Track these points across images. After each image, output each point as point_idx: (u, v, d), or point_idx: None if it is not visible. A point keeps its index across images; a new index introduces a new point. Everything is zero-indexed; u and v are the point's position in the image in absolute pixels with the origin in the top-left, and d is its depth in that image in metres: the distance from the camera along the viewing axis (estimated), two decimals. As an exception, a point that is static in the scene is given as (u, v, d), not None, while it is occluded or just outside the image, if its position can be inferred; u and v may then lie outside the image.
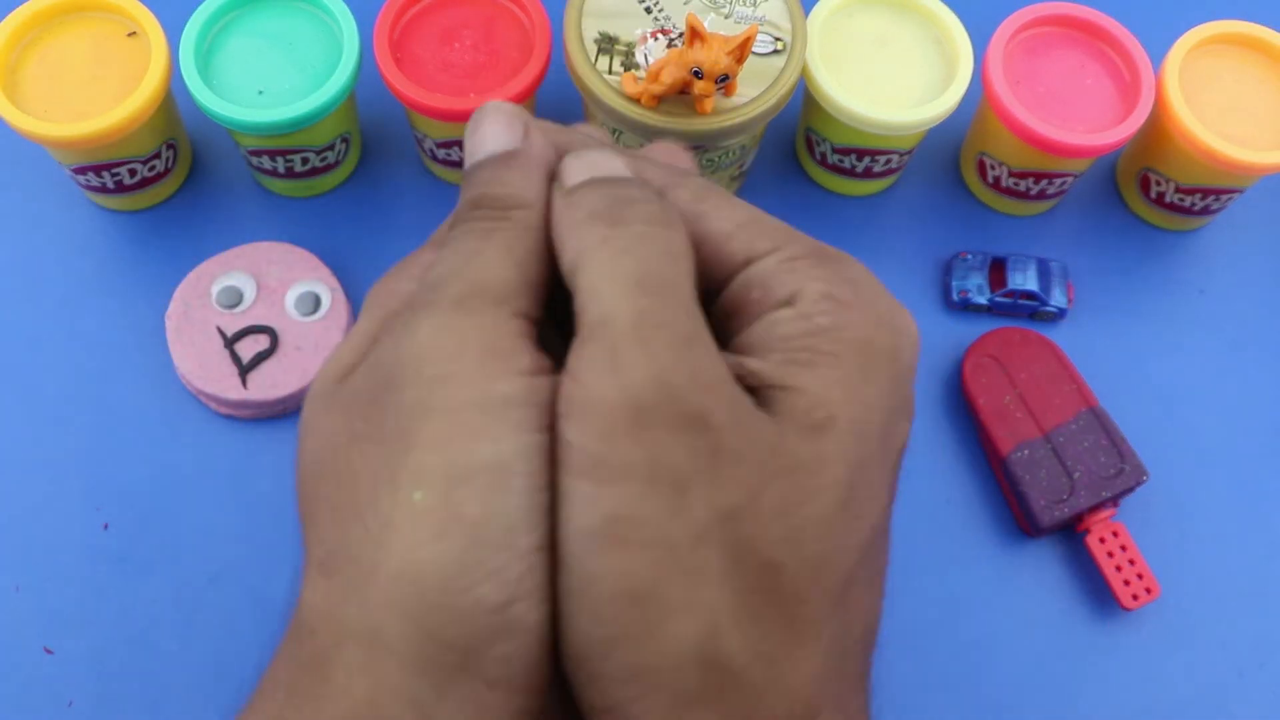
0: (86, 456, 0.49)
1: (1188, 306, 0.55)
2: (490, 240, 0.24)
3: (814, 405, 0.22)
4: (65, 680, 0.45)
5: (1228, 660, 0.48)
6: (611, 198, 0.24)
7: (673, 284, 0.22)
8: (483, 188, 0.25)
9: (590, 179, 0.24)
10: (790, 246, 0.25)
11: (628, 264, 0.22)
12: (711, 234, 0.25)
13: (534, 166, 0.26)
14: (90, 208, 0.54)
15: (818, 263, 0.24)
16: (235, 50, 0.50)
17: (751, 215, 0.25)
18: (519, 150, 0.26)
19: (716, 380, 0.22)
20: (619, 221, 0.23)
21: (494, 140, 0.26)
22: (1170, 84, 0.51)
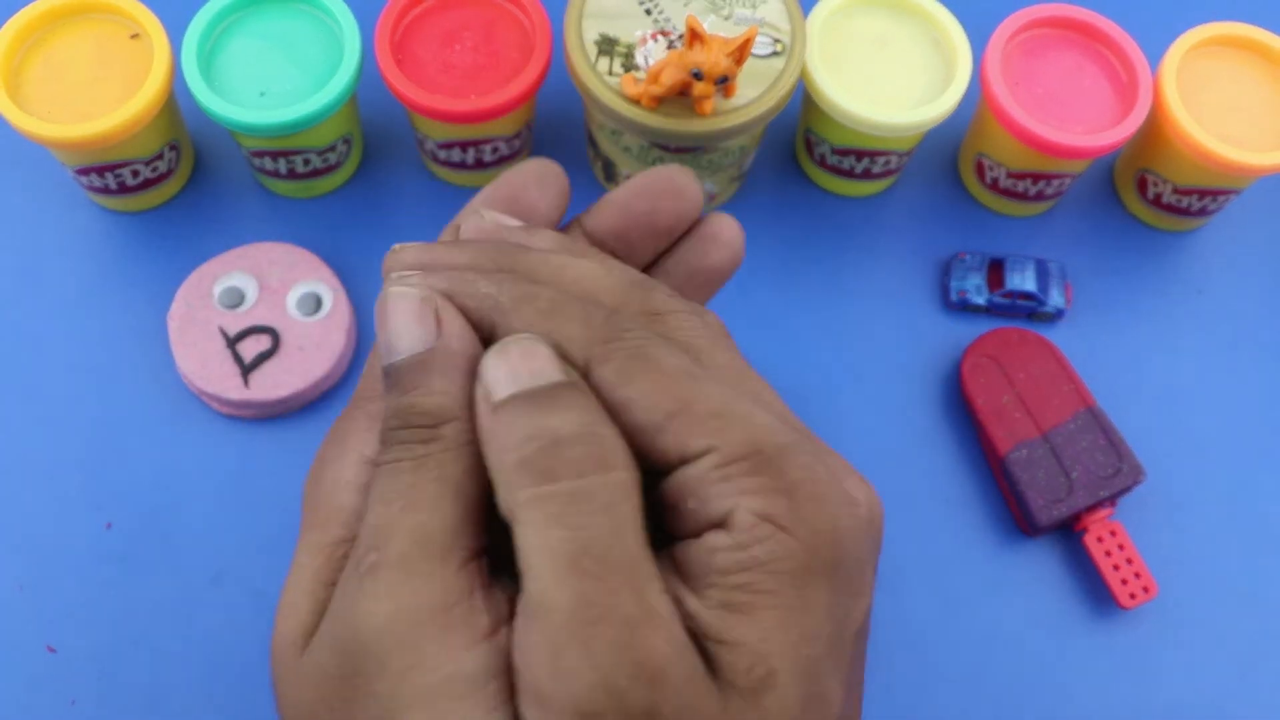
0: (89, 456, 0.49)
1: (1185, 307, 0.55)
2: (424, 470, 0.23)
3: (754, 662, 0.22)
4: (67, 679, 0.45)
5: (1225, 659, 0.48)
6: (539, 440, 0.22)
7: (612, 550, 0.22)
8: (405, 396, 0.24)
9: (515, 394, 0.23)
10: (725, 444, 0.23)
11: (560, 538, 0.22)
12: (641, 428, 0.23)
13: (453, 367, 0.24)
14: (93, 209, 0.54)
15: (752, 469, 0.23)
16: (237, 52, 0.50)
17: (681, 400, 0.23)
18: (435, 349, 0.24)
19: (664, 667, 0.21)
20: (549, 477, 0.22)
21: (404, 338, 0.24)
22: (1168, 85, 0.52)
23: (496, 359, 0.24)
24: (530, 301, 0.25)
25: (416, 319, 0.24)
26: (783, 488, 0.23)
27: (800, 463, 0.23)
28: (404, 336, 0.24)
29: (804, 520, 0.23)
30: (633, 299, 0.26)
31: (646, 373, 0.24)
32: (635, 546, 0.22)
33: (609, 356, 0.24)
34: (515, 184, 0.29)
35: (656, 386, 0.24)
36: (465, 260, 0.26)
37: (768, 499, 0.23)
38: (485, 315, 0.25)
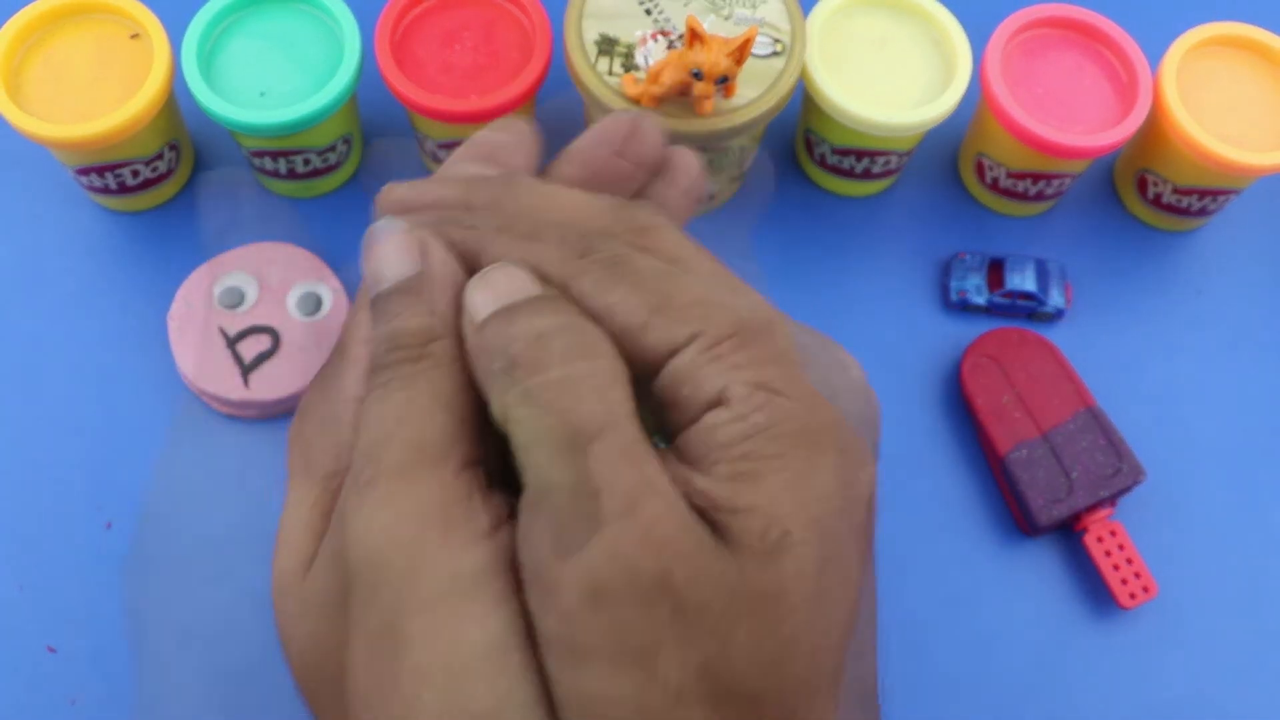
0: (89, 456, 0.49)
1: (1185, 307, 0.55)
2: (415, 386, 0.24)
3: (767, 525, 0.22)
4: (67, 679, 0.45)
5: (1225, 659, 0.48)
6: (523, 339, 0.23)
7: (606, 429, 0.22)
8: (392, 322, 0.24)
9: (496, 311, 0.23)
10: (709, 327, 0.23)
11: (553, 424, 0.22)
12: (626, 329, 0.24)
13: (439, 290, 0.25)
14: (93, 208, 0.54)
15: (740, 344, 0.23)
16: (237, 52, 0.50)
17: (661, 295, 0.24)
18: (420, 274, 0.25)
19: (671, 533, 0.21)
20: (536, 369, 0.22)
21: (392, 267, 0.25)
22: (1168, 85, 0.52)
23: (478, 284, 0.24)
24: (509, 230, 0.25)
25: (403, 250, 0.25)
26: (773, 356, 0.23)
27: (785, 333, 0.24)
28: (391, 266, 0.25)
29: (797, 383, 0.23)
30: (619, 219, 0.26)
31: (623, 279, 0.24)
32: (629, 426, 0.22)
33: (585, 270, 0.24)
34: (492, 142, 0.29)
35: (635, 289, 0.24)
36: (455, 195, 0.26)
37: (760, 369, 0.23)
38: (469, 247, 0.25)
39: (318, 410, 0.26)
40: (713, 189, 0.53)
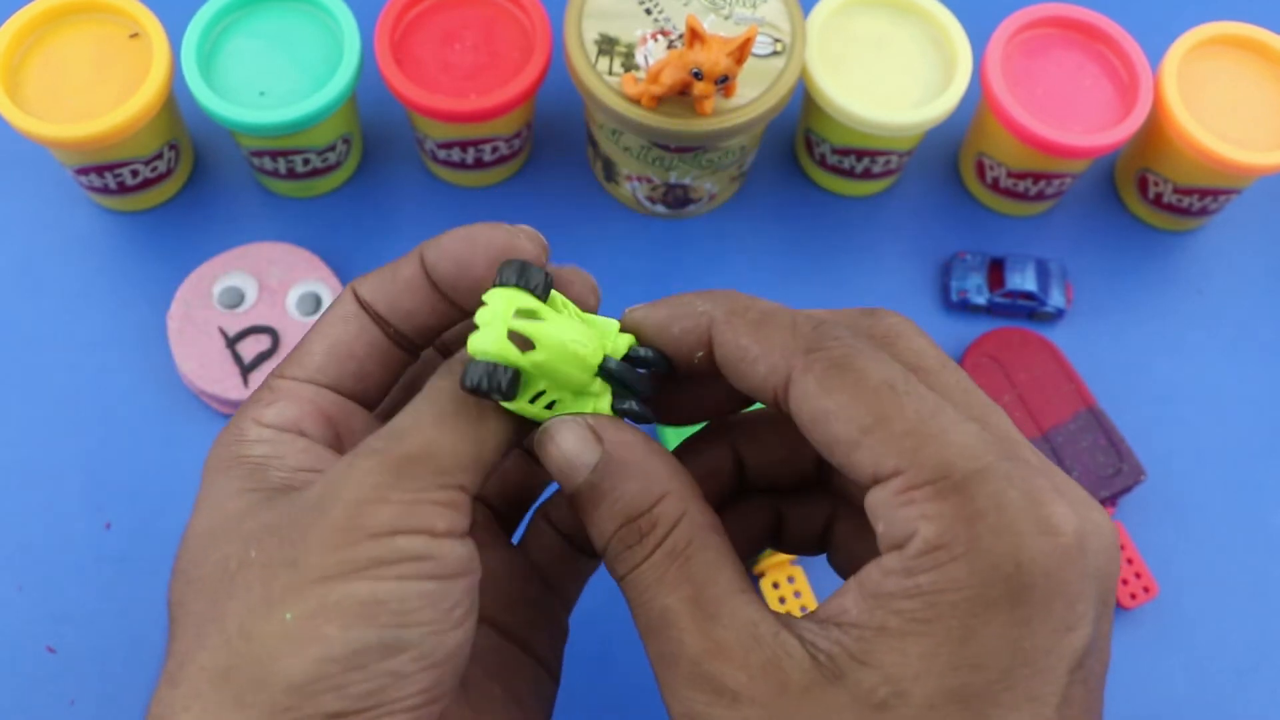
0: (89, 456, 0.49)
1: (1185, 306, 0.55)
2: (464, 412, 0.25)
3: (879, 683, 0.22)
4: (67, 679, 0.45)
5: (1226, 659, 0.48)
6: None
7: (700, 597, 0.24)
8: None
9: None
10: (913, 466, 0.23)
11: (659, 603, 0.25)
12: (837, 441, 0.24)
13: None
14: (92, 208, 0.54)
15: (937, 494, 0.23)
16: (237, 51, 0.50)
17: (878, 414, 0.23)
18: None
19: (738, 687, 0.23)
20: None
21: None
22: (1168, 85, 0.52)
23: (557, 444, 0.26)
24: (741, 314, 0.26)
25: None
26: (965, 515, 0.22)
27: (990, 489, 0.23)
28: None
29: (981, 550, 0.22)
30: (860, 321, 0.27)
31: (846, 385, 0.24)
32: (718, 590, 0.24)
33: (811, 366, 0.24)
34: None
35: (855, 399, 0.24)
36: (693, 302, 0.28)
37: (945, 526, 0.22)
38: (703, 331, 0.26)
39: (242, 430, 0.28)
40: (713, 189, 0.53)
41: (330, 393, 0.28)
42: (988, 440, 0.24)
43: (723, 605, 0.24)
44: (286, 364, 0.28)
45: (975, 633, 0.22)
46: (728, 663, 0.23)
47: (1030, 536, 0.22)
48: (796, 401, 0.24)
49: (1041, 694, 0.23)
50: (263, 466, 0.26)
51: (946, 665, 0.22)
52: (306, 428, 0.27)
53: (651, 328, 0.27)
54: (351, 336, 0.28)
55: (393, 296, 0.28)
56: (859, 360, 0.24)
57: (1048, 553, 0.23)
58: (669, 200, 0.54)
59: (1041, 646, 0.23)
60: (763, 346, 0.25)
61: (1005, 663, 0.22)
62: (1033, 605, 0.22)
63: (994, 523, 0.22)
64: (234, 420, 0.28)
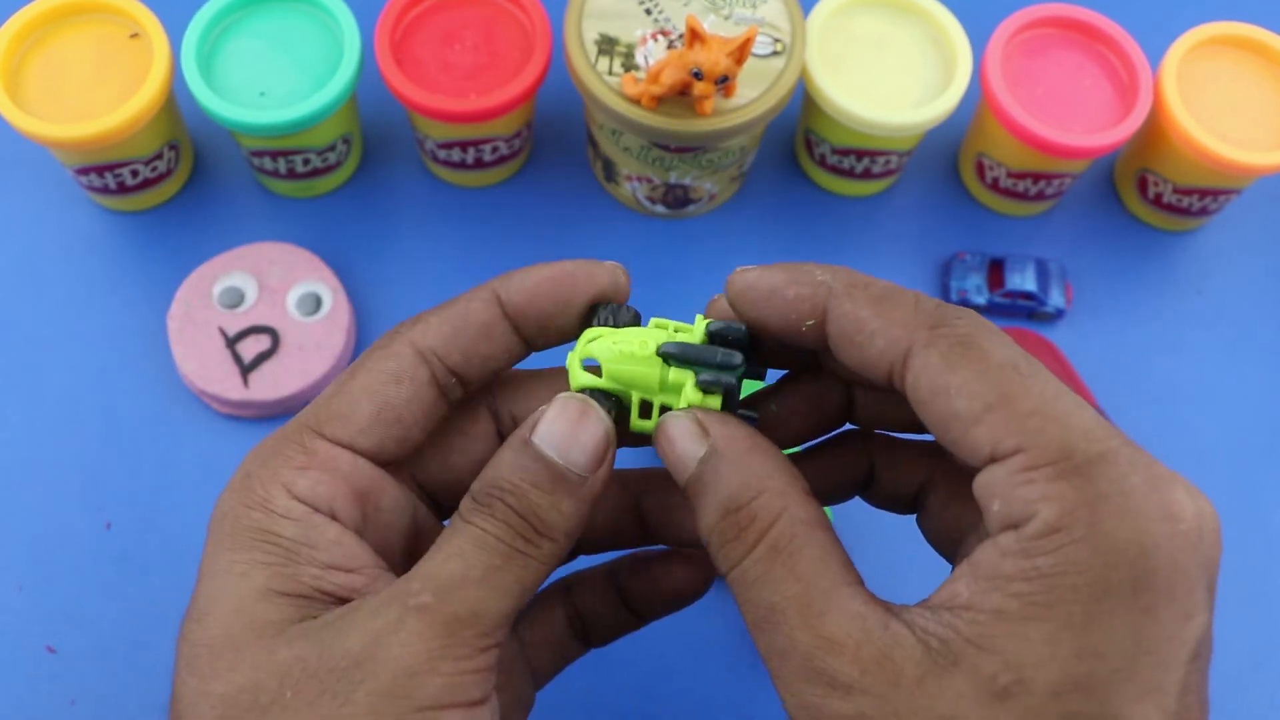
0: (89, 456, 0.49)
1: (1185, 307, 0.55)
2: (509, 565, 0.25)
3: (1000, 670, 0.22)
4: (67, 679, 0.45)
5: (1225, 660, 0.48)
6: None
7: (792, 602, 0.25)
8: (533, 502, 0.25)
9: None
10: (1036, 446, 0.23)
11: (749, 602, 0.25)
12: (958, 416, 0.24)
13: (588, 499, 0.26)
14: (92, 208, 0.54)
15: (1059, 474, 0.22)
16: (237, 51, 0.50)
17: (1002, 392, 0.23)
18: (590, 480, 0.26)
19: (849, 679, 0.23)
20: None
21: (575, 448, 0.26)
22: (1168, 85, 0.52)
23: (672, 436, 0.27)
24: (862, 288, 0.26)
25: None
26: (1087, 498, 0.22)
27: (1113, 473, 0.22)
28: (576, 450, 0.26)
29: (1104, 534, 0.22)
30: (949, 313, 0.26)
31: (971, 361, 0.24)
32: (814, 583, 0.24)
33: (935, 341, 0.24)
34: None
35: (979, 376, 0.23)
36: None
37: (1067, 508, 0.22)
38: (820, 300, 0.26)
39: (260, 493, 0.26)
40: (713, 189, 0.53)
41: (367, 464, 0.27)
42: (1109, 426, 0.23)
43: (830, 600, 0.24)
44: (327, 417, 0.27)
45: (1098, 619, 0.22)
46: (839, 657, 0.23)
47: (1154, 521, 0.22)
48: (916, 374, 0.24)
49: (1164, 683, 0.22)
50: (292, 556, 0.25)
51: (1070, 652, 0.22)
52: (340, 509, 0.26)
53: (765, 289, 0.27)
54: (404, 400, 0.27)
55: (467, 345, 0.28)
56: (984, 339, 0.24)
57: (1171, 539, 0.22)
58: (669, 200, 0.54)
59: (1165, 635, 0.22)
60: (884, 320, 0.25)
61: (1129, 650, 0.22)
62: (1156, 592, 0.22)
63: (1117, 506, 0.22)
64: (258, 473, 0.26)
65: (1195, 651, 0.23)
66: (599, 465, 0.26)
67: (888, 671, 0.23)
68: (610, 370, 0.27)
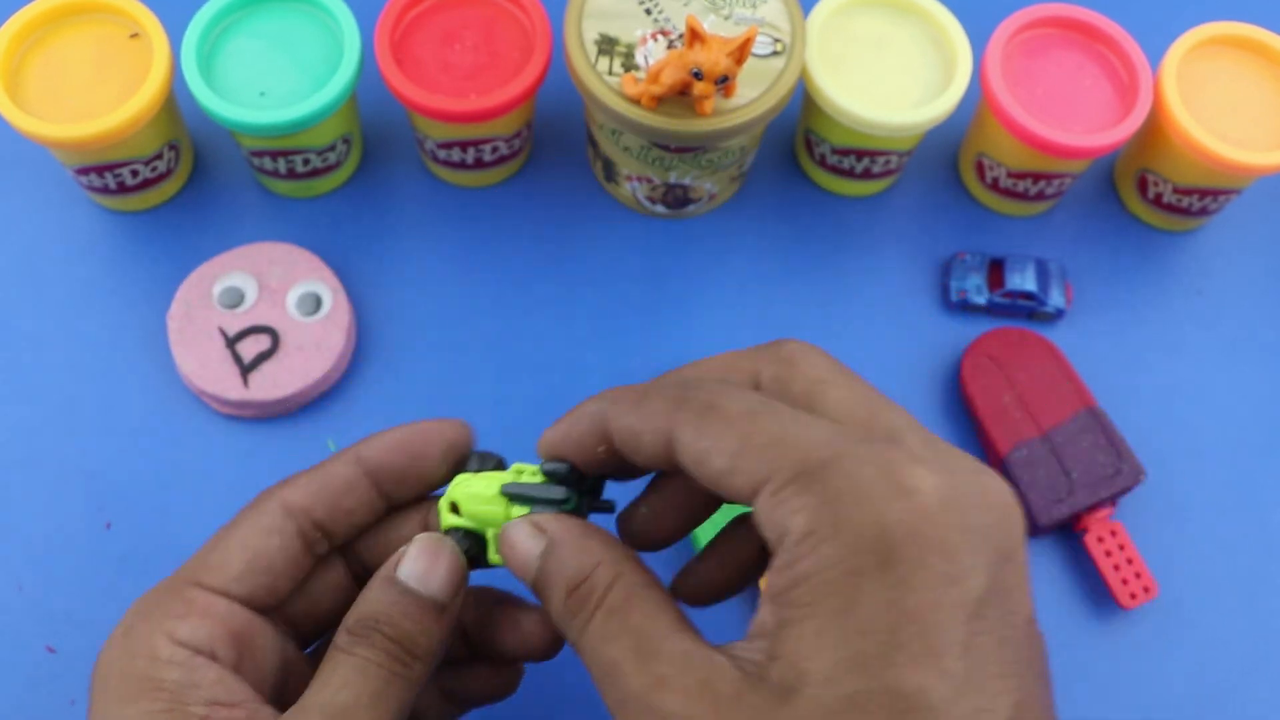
0: (89, 456, 0.49)
1: (1185, 307, 0.55)
2: (390, 688, 0.28)
3: (785, 670, 0.24)
4: (67, 679, 0.45)
5: (1226, 660, 0.48)
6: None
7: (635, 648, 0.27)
8: (405, 630, 0.29)
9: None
10: (777, 471, 0.25)
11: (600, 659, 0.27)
12: (720, 472, 0.26)
13: (450, 622, 0.30)
14: (92, 208, 0.54)
15: (800, 489, 0.25)
16: (237, 51, 0.50)
17: (743, 437, 0.26)
18: (449, 605, 0.30)
19: (679, 711, 0.25)
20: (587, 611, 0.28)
21: (434, 580, 0.30)
22: (1168, 85, 0.52)
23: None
24: (623, 400, 0.29)
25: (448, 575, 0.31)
26: (825, 500, 0.24)
27: (845, 471, 0.24)
28: (430, 577, 0.30)
29: (846, 526, 0.24)
30: (761, 355, 0.30)
31: (714, 422, 0.26)
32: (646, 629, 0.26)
33: (683, 420, 0.27)
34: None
35: (723, 432, 0.26)
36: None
37: (812, 514, 0.24)
38: (599, 428, 0.29)
39: (143, 643, 0.30)
40: (713, 189, 0.53)
41: (240, 608, 0.30)
42: (841, 431, 0.26)
43: (661, 646, 0.26)
44: (204, 569, 0.31)
45: (855, 602, 0.24)
46: (668, 693, 0.25)
47: (887, 502, 0.24)
48: (680, 455, 0.27)
49: (937, 646, 0.23)
50: (178, 698, 0.28)
51: (836, 639, 0.24)
52: (219, 650, 0.29)
53: (557, 441, 0.31)
54: (274, 549, 0.31)
55: (332, 500, 0.32)
56: (721, 400, 0.27)
57: (908, 513, 0.24)
58: (669, 200, 0.54)
59: (926, 601, 0.24)
60: (645, 421, 0.28)
61: (890, 623, 0.23)
62: (905, 564, 0.24)
63: (852, 499, 0.24)
64: (139, 626, 0.29)
65: (974, 611, 0.24)
66: (456, 592, 0.30)
67: (709, 697, 0.24)
68: (466, 510, 0.32)
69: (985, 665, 0.24)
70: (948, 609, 0.24)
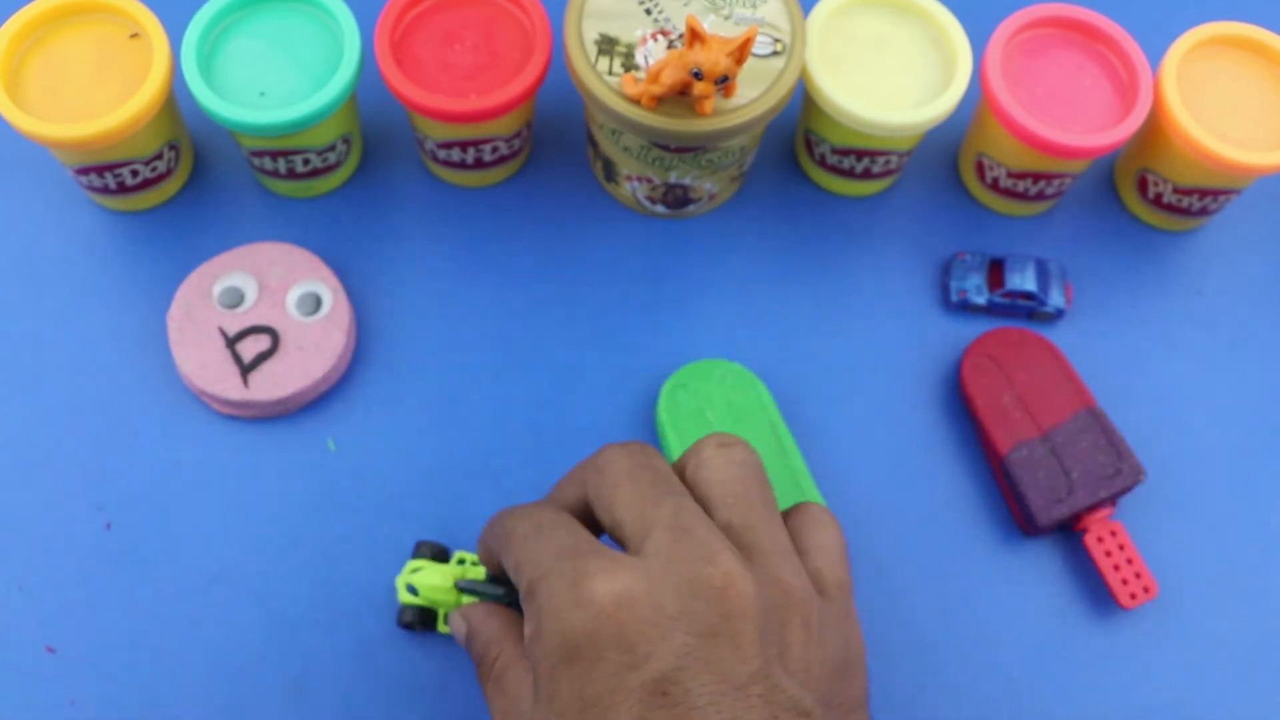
0: (89, 456, 0.49)
1: (1185, 307, 0.55)
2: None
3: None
4: (67, 679, 0.45)
5: (1225, 659, 0.48)
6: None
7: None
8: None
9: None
10: (521, 589, 0.34)
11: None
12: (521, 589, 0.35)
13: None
14: (92, 208, 0.54)
15: (527, 602, 0.33)
16: (237, 51, 0.50)
17: (511, 560, 0.35)
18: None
19: None
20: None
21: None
22: (1168, 85, 0.52)
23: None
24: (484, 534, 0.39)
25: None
26: (532, 613, 0.32)
27: (544, 590, 0.32)
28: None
29: (543, 632, 0.32)
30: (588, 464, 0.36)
31: (506, 550, 0.35)
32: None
33: (498, 550, 0.36)
34: None
35: (507, 554, 0.35)
36: None
37: (530, 624, 0.32)
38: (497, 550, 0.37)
39: None
40: (713, 189, 0.53)
41: None
42: (562, 550, 0.33)
43: (522, 707, 0.34)
44: None
45: (555, 693, 0.31)
46: None
47: (568, 612, 0.31)
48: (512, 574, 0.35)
49: (618, 712, 0.30)
50: None
51: (537, 711, 0.32)
52: None
53: (481, 556, 0.39)
54: None
55: None
56: (516, 528, 0.35)
57: (585, 620, 0.31)
58: (669, 200, 0.54)
59: (605, 688, 0.30)
60: (489, 552, 0.38)
61: (579, 705, 0.30)
62: (586, 660, 0.30)
63: (547, 612, 0.31)
64: None
65: (654, 689, 0.30)
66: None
67: None
68: (424, 595, 0.43)
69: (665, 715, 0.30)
70: (625, 691, 0.30)
